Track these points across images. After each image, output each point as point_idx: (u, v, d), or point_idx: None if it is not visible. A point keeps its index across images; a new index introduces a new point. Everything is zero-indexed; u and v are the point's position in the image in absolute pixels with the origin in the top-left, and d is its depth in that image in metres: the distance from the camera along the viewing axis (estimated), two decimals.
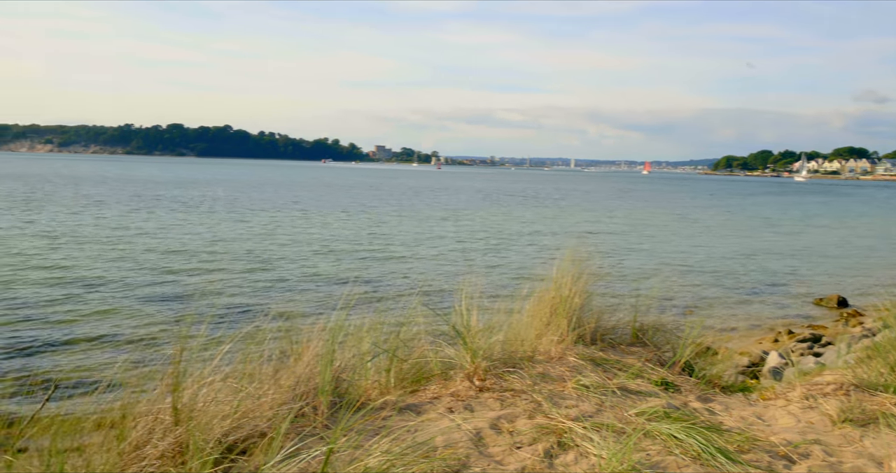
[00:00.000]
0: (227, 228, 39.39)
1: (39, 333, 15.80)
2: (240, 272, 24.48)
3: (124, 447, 4.26)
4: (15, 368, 13.47)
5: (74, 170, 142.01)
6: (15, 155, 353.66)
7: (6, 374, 13.06)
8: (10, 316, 17.26)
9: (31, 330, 15.98)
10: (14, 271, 23.40)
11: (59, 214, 45.10)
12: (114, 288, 20.81)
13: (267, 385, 4.85)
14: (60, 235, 33.62)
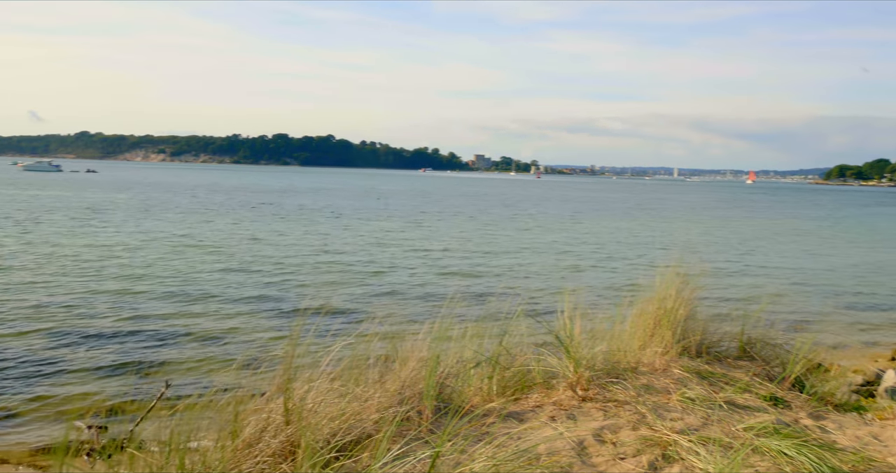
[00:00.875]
0: (335, 235, 40.35)
1: (153, 334, 16.51)
2: (348, 278, 24.99)
3: (237, 444, 4.44)
4: (130, 368, 14.13)
5: (196, 179, 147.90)
6: (131, 164, 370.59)
7: (122, 373, 13.71)
8: (125, 317, 18.12)
9: (146, 332, 16.72)
10: (131, 274, 24.56)
11: (179, 221, 47.10)
12: (226, 293, 21.56)
13: (373, 388, 4.97)
14: (178, 241, 35.12)
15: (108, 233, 38.55)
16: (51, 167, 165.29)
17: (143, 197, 76.32)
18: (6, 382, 13.02)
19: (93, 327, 16.99)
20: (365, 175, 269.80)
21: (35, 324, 17.07)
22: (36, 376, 13.46)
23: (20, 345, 15.34)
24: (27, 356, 14.65)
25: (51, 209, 54.60)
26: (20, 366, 13.92)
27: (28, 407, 11.94)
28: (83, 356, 14.71)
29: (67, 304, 19.30)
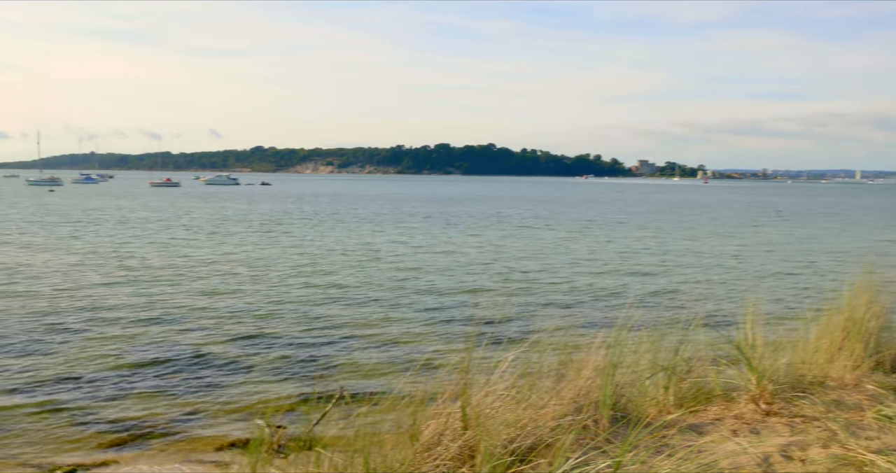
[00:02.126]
0: (509, 243, 40.75)
1: (331, 339, 17.20)
2: (517, 286, 25.13)
3: (417, 447, 4.56)
4: (308, 371, 14.77)
5: (368, 190, 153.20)
6: (301, 176, 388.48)
7: (300, 376, 14.35)
8: (306, 322, 18.98)
9: (324, 336, 17.45)
10: (309, 282, 25.73)
11: (353, 230, 48.98)
12: (400, 299, 22.19)
13: (548, 396, 4.97)
14: (355, 249, 36.53)
15: (289, 242, 40.65)
16: (229, 180, 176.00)
17: (317, 208, 79.83)
18: (196, 381, 13.95)
19: (274, 331, 17.90)
20: (526, 183, 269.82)
21: (224, 328, 18.21)
22: (222, 376, 14.33)
23: (211, 347, 16.40)
24: (215, 357, 15.63)
25: (237, 220, 58.16)
26: (209, 367, 14.86)
27: (213, 406, 12.71)
28: (266, 358, 15.52)
29: (253, 310, 20.45)
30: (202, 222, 55.22)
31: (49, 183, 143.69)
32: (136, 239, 40.91)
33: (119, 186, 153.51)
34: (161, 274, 27.20)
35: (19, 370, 14.46)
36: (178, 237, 42.81)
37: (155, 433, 11.48)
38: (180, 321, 18.91)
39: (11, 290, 23.22)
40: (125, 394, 13.14)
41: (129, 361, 15.16)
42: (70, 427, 11.67)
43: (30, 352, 15.74)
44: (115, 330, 17.86)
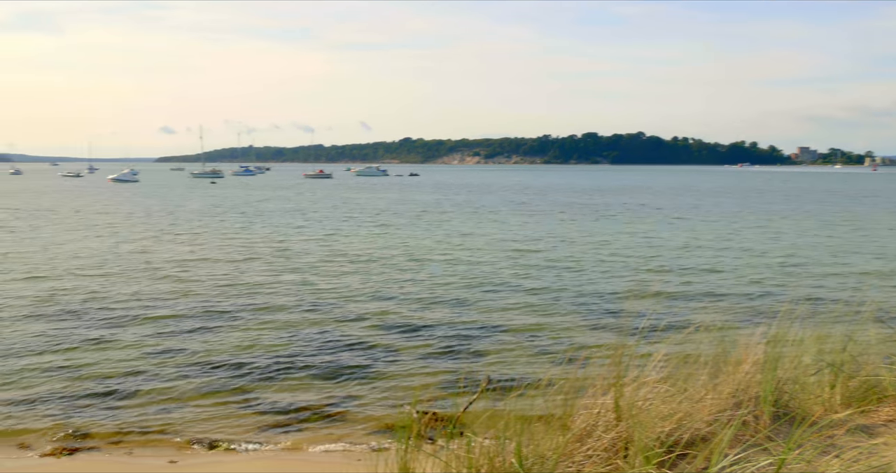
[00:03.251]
0: (664, 234, 39.92)
1: (479, 327, 17.39)
2: (671, 277, 24.58)
3: (569, 436, 4.54)
4: (456, 359, 14.97)
5: (520, 180, 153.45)
6: (448, 167, 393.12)
7: (449, 366, 14.57)
8: (453, 310, 19.26)
9: (472, 327, 17.65)
10: (456, 271, 26.07)
11: (505, 221, 49.25)
12: (550, 292, 22.15)
13: (704, 390, 4.84)
14: (501, 240, 36.75)
15: (442, 232, 41.34)
16: (378, 172, 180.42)
17: (467, 198, 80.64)
18: (350, 367, 14.43)
19: (427, 320, 18.25)
20: (678, 172, 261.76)
21: (379, 316, 18.74)
22: (375, 363, 14.75)
23: (365, 335, 16.93)
24: (369, 344, 16.11)
25: (392, 211, 59.64)
26: (363, 354, 15.34)
27: (367, 391, 13.12)
28: (417, 346, 15.87)
29: (408, 299, 20.93)
30: (360, 212, 57.01)
31: (211, 175, 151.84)
32: (299, 230, 42.68)
33: (275, 178, 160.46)
34: (323, 263, 28.26)
35: (191, 352, 15.45)
36: (339, 228, 44.30)
37: (312, 416, 11.96)
38: (338, 309, 19.57)
39: (186, 277, 24.79)
40: (285, 378, 13.75)
41: (290, 346, 15.86)
42: (233, 407, 12.36)
43: (203, 335, 16.78)
44: (278, 316, 18.73)
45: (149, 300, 20.59)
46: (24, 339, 16.26)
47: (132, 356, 15.04)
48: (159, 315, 18.73)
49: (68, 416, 11.79)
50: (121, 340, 16.25)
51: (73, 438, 10.93)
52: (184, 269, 26.23)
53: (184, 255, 30.05)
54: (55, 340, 16.19)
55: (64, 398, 12.59)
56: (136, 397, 12.70)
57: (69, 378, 13.61)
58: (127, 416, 11.85)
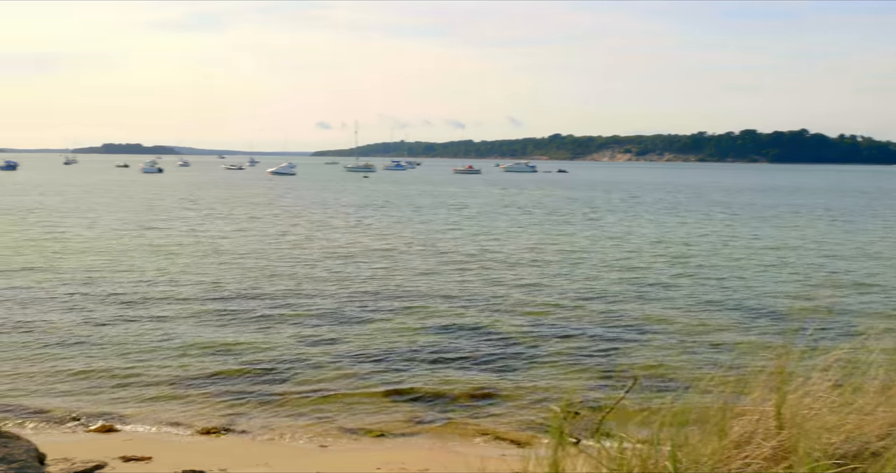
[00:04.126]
0: (835, 238, 38.04)
1: (628, 331, 17.11)
2: (841, 283, 23.43)
3: (725, 443, 4.42)
4: (598, 361, 14.80)
5: (676, 178, 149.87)
6: (598, 164, 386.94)
7: (595, 366, 14.43)
8: (604, 315, 19.03)
9: (621, 329, 17.40)
10: (615, 273, 25.76)
11: (665, 223, 48.24)
12: (707, 295, 21.55)
13: (875, 402, 4.59)
14: (657, 241, 36.01)
15: (598, 231, 40.95)
16: (527, 168, 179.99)
17: (621, 196, 79.39)
18: (494, 363, 14.54)
19: (575, 320, 18.15)
20: (845, 172, 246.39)
21: (526, 313, 18.80)
22: (519, 360, 14.79)
23: (512, 331, 17.02)
24: (515, 341, 16.19)
25: (547, 209, 59.52)
26: (507, 350, 15.43)
27: (510, 387, 13.18)
28: (563, 345, 15.80)
29: (558, 298, 20.90)
30: (511, 208, 57.23)
31: (363, 169, 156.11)
32: (452, 224, 43.33)
33: (425, 173, 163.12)
34: (474, 258, 28.61)
35: (346, 341, 16.04)
36: (491, 224, 44.65)
37: (454, 408, 12.15)
38: (489, 305, 19.75)
39: (344, 268, 25.67)
40: (433, 370, 14.03)
41: (440, 340, 16.15)
42: (382, 396, 12.72)
43: (357, 325, 17.37)
44: (430, 309, 19.11)
45: (308, 289, 21.49)
46: (184, 322, 17.35)
47: (288, 342, 15.74)
48: (316, 303, 19.51)
49: (222, 397, 12.48)
50: (278, 327, 17.05)
51: (227, 418, 11.56)
52: (342, 261, 27.16)
53: (342, 247, 31.12)
54: (215, 325, 17.18)
55: (221, 380, 13.34)
56: (290, 382, 13.28)
57: (227, 360, 14.41)
58: (280, 400, 12.42)
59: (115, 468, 9.04)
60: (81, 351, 14.80)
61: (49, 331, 16.30)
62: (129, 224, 40.18)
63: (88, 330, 16.50)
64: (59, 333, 16.14)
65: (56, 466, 8.53)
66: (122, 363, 14.08)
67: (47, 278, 22.58)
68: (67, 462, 8.79)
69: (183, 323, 17.26)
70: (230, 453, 10.12)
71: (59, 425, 11.18)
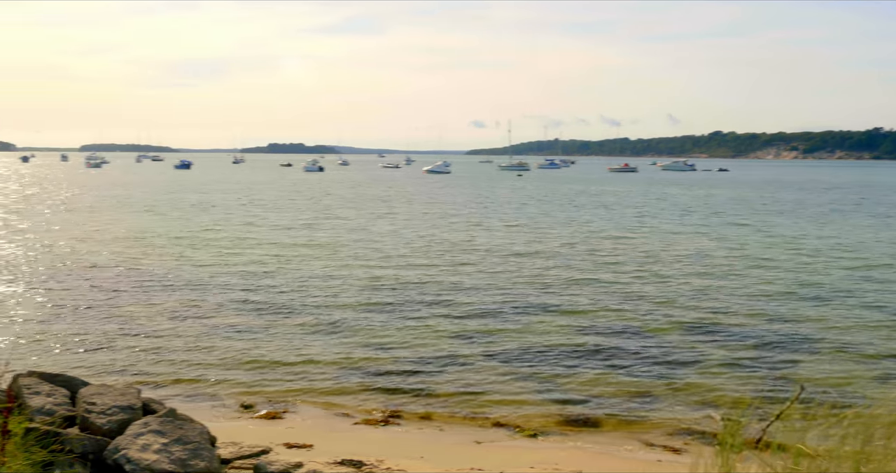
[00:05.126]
0: None
1: (793, 338, 16.25)
2: None
3: None
4: (760, 366, 14.14)
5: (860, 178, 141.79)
6: (761, 162, 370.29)
7: (754, 373, 13.79)
8: (766, 320, 18.19)
9: (779, 332, 16.58)
10: (784, 277, 24.58)
11: (842, 227, 45.78)
12: (876, 302, 20.23)
13: None
14: (836, 246, 34.14)
15: (769, 232, 39.29)
16: (685, 166, 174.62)
17: (793, 196, 75.73)
18: (649, 366, 14.17)
19: (735, 324, 17.46)
20: None
21: (683, 316, 18.26)
22: (675, 364, 14.35)
23: (666, 334, 16.57)
24: (670, 344, 15.73)
25: (712, 209, 57.74)
26: (663, 353, 15.00)
27: (665, 392, 12.81)
28: (721, 350, 15.23)
29: (716, 300, 20.23)
30: (670, 208, 55.77)
31: (517, 168, 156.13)
32: (612, 224, 42.73)
33: (580, 171, 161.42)
34: (633, 258, 28.15)
35: (501, 338, 16.10)
36: (649, 223, 43.70)
37: (607, 412, 11.92)
38: (650, 308, 19.33)
39: (504, 265, 25.81)
40: (586, 371, 13.85)
41: (595, 340, 15.93)
42: (536, 395, 12.66)
43: (513, 323, 17.39)
44: (585, 310, 18.93)
45: (465, 286, 21.75)
46: (346, 316, 17.90)
47: (446, 338, 15.98)
48: (474, 301, 19.71)
49: (382, 390, 12.78)
50: (436, 322, 17.32)
51: (387, 410, 11.83)
52: (499, 259, 27.27)
53: (498, 245, 31.19)
54: (376, 319, 17.65)
55: (381, 373, 13.67)
56: (446, 377, 13.46)
57: (387, 354, 14.77)
58: (437, 395, 12.60)
59: (279, 453, 9.42)
60: (251, 342, 15.57)
61: (221, 322, 17.26)
62: (295, 220, 42.00)
63: (259, 321, 17.36)
64: (231, 324, 17.06)
65: (225, 449, 9.00)
66: (287, 354, 14.71)
67: (220, 271, 23.95)
68: (235, 446, 9.25)
69: (345, 317, 17.82)
70: (387, 444, 10.35)
71: (228, 410, 11.80)
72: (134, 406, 8.22)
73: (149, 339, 15.64)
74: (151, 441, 7.39)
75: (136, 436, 7.43)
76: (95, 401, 8.09)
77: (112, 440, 7.43)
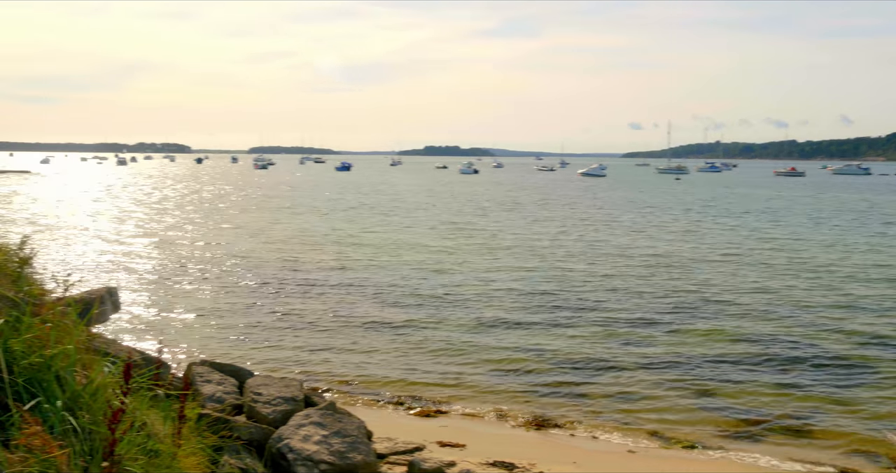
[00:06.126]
0: None
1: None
2: None
3: None
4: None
5: None
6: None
7: None
8: None
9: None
10: None
11: None
12: None
13: None
14: None
15: None
16: (859, 170, 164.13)
17: None
18: (816, 381, 13.42)
19: None
20: None
21: (857, 329, 17.21)
22: (847, 379, 13.54)
23: (839, 347, 15.65)
24: (843, 357, 14.86)
25: None
26: (831, 368, 14.20)
27: (835, 408, 12.11)
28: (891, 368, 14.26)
29: (879, 314, 18.94)
30: (846, 216, 52.67)
31: (676, 171, 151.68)
32: (777, 234, 40.89)
33: (743, 175, 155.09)
34: (809, 270, 26.77)
35: (657, 346, 15.69)
36: (838, 237, 41.51)
37: (770, 426, 11.38)
38: (813, 316, 18.45)
39: (660, 277, 25.19)
40: (744, 383, 13.31)
41: (753, 350, 15.32)
42: (692, 405, 12.26)
43: (669, 331, 16.93)
44: (742, 318, 18.23)
45: (621, 291, 21.43)
46: (498, 321, 17.93)
47: (601, 343, 15.77)
48: (629, 306, 19.38)
49: (535, 394, 12.73)
50: (591, 328, 17.12)
51: (538, 414, 11.76)
52: (663, 267, 26.54)
53: (658, 254, 30.28)
54: (529, 323, 17.61)
55: (534, 377, 13.62)
56: (600, 383, 13.26)
57: (540, 358, 14.71)
58: (590, 401, 12.41)
59: (432, 451, 9.54)
60: (407, 340, 15.92)
61: (379, 320, 17.75)
62: (450, 222, 42.60)
63: (416, 321, 17.72)
64: (390, 322, 17.51)
65: (381, 444, 9.21)
66: (442, 354, 14.92)
67: (379, 272, 24.70)
68: (391, 442, 9.45)
69: (502, 318, 17.89)
70: (539, 448, 10.29)
71: (384, 406, 12.08)
72: (296, 397, 8.55)
73: (310, 334, 16.26)
74: (312, 432, 7.65)
75: (298, 427, 7.71)
76: (261, 392, 8.47)
77: (276, 429, 7.74)
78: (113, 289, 8.87)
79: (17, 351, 4.06)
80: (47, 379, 3.99)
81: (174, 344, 14.99)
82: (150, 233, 35.81)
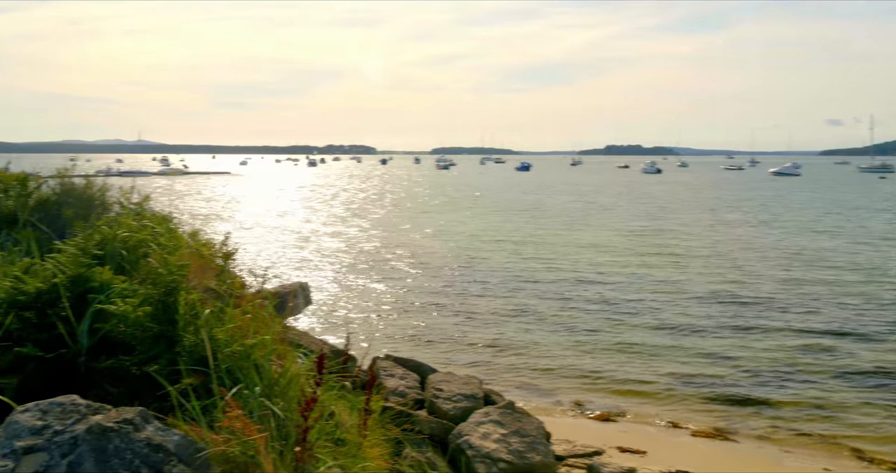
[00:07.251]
0: None
1: None
2: None
3: None
4: None
5: None
6: None
7: None
8: None
9: None
10: None
11: None
12: None
13: None
14: None
15: None
16: None
17: None
18: None
19: None
20: None
21: None
22: None
23: None
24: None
25: None
26: None
27: None
28: None
29: None
30: None
31: (880, 170, 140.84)
32: None
33: None
34: None
35: (853, 357, 14.69)
36: None
37: None
38: None
39: (847, 282, 23.63)
40: None
41: None
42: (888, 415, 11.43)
43: (862, 342, 15.82)
44: None
45: (822, 297, 20.21)
46: (683, 325, 17.36)
47: (788, 350, 15.00)
48: (814, 311, 18.31)
49: (716, 402, 12.25)
50: (779, 335, 16.32)
51: (720, 424, 11.31)
52: (867, 272, 24.72)
53: (868, 259, 28.12)
54: (715, 329, 16.95)
55: (715, 384, 13.10)
56: (785, 393, 12.60)
57: (722, 365, 14.16)
58: (776, 411, 11.80)
59: (612, 456, 9.38)
60: (584, 343, 15.76)
61: (560, 323, 17.70)
62: (629, 224, 41.72)
63: (597, 327, 17.49)
64: (570, 325, 17.40)
65: (559, 446, 9.16)
66: (622, 359, 14.64)
67: (559, 274, 24.60)
68: (569, 444, 9.38)
69: (685, 324, 17.33)
70: (722, 459, 9.90)
71: (562, 408, 11.99)
72: (476, 395, 8.67)
73: (490, 334, 16.43)
74: (491, 430, 7.72)
75: (478, 424, 7.81)
76: (443, 388, 8.65)
77: (455, 425, 7.88)
78: (305, 285, 9.36)
79: (220, 339, 4.38)
80: (247, 367, 4.27)
81: (359, 339, 15.61)
82: (338, 233, 37.46)
